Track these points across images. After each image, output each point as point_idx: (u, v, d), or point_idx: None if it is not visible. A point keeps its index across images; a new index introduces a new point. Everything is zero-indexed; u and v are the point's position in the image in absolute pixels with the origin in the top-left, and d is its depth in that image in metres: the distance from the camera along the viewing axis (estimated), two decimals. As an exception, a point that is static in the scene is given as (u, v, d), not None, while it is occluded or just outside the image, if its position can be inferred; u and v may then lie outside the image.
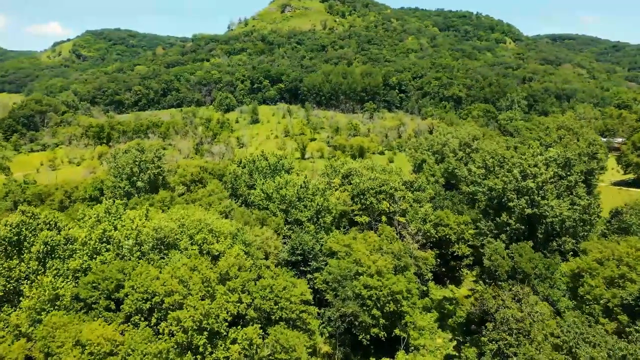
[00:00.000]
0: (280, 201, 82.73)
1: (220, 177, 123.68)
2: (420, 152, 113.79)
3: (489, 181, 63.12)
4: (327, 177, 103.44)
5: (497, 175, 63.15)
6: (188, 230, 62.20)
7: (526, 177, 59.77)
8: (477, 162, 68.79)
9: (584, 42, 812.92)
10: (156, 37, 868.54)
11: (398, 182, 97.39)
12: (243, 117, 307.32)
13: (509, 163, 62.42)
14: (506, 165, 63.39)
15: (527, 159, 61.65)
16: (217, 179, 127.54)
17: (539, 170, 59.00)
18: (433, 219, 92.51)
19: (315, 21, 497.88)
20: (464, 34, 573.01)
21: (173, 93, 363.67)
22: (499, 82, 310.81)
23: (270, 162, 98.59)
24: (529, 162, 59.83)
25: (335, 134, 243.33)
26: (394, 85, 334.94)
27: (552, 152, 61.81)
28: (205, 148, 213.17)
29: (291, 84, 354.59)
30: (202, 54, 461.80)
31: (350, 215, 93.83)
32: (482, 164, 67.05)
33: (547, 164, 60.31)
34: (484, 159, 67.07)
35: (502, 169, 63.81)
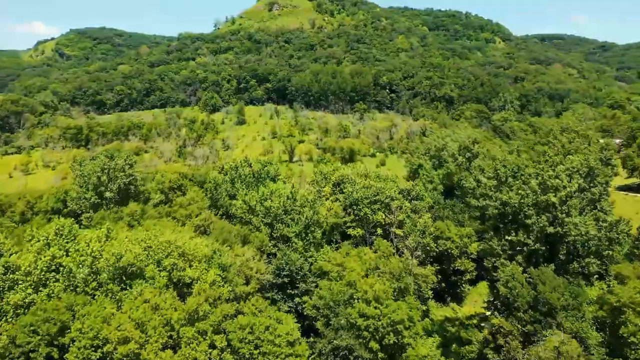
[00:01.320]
0: (264, 214, 73.95)
1: (201, 184, 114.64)
2: (417, 157, 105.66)
3: (502, 194, 55.02)
4: (317, 185, 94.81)
5: (511, 188, 55.10)
6: (155, 254, 53.17)
7: (546, 191, 51.80)
8: (487, 172, 60.68)
9: (573, 42, 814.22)
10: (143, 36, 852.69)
11: (394, 191, 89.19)
12: (229, 118, 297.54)
13: (525, 174, 54.43)
14: (521, 175, 55.46)
15: (546, 168, 53.82)
16: (198, 186, 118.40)
17: (562, 183, 51.04)
18: (433, 231, 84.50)
19: (304, 20, 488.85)
20: (454, 33, 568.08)
21: (157, 93, 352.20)
22: (491, 82, 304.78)
23: (254, 169, 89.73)
24: (549, 173, 51.81)
25: (325, 135, 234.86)
26: (384, 85, 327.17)
27: (575, 161, 53.91)
28: (188, 151, 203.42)
29: (279, 83, 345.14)
30: (187, 53, 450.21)
31: (343, 228, 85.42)
32: (493, 175, 58.92)
33: (570, 174, 52.38)
34: (495, 168, 58.97)
35: (516, 180, 55.83)
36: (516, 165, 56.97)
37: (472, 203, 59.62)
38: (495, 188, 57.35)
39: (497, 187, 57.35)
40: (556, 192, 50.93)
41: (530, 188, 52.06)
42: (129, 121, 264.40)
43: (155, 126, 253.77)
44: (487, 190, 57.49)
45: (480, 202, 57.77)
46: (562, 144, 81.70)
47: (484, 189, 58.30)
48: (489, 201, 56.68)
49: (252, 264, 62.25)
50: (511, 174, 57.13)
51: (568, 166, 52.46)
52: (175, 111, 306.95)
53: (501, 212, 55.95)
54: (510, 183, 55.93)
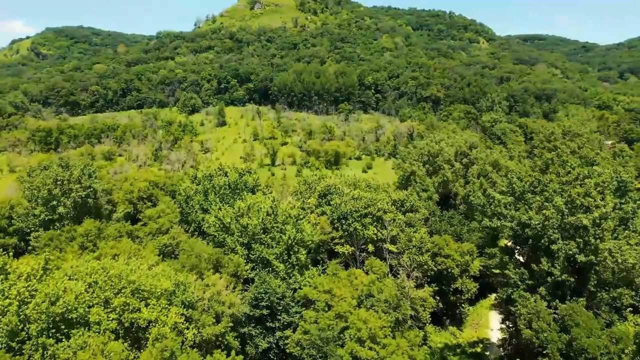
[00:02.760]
0: (240, 233, 64.39)
1: (173, 193, 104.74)
2: (409, 163, 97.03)
3: (520, 214, 46.41)
4: (301, 196, 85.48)
5: (530, 205, 46.59)
6: (103, 292, 43.30)
7: (575, 210, 43.40)
8: (499, 185, 52.08)
9: (554, 43, 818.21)
10: (121, 35, 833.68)
11: (386, 202, 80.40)
12: (209, 120, 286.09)
13: (549, 189, 45.89)
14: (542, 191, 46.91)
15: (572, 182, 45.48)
16: (170, 195, 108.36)
17: (594, 201, 42.66)
18: (430, 247, 75.89)
19: (286, 18, 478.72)
20: (438, 33, 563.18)
21: (133, 93, 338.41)
22: (477, 82, 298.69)
23: (231, 179, 79.94)
24: (578, 190, 43.32)
25: (309, 137, 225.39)
26: (369, 85, 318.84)
27: (605, 174, 45.66)
28: (164, 154, 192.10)
29: (261, 83, 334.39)
30: (166, 52, 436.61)
31: (330, 245, 76.31)
32: (508, 189, 50.34)
33: (601, 191, 44.02)
34: (510, 182, 50.39)
35: (536, 196, 47.37)
36: (535, 179, 48.49)
37: (485, 223, 50.78)
38: (510, 205, 48.78)
39: (514, 205, 48.80)
40: (587, 212, 42.58)
41: (555, 207, 43.55)
42: (102, 123, 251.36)
43: (130, 128, 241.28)
44: (501, 207, 48.87)
45: (494, 223, 49.05)
46: (571, 150, 73.61)
47: (497, 207, 49.65)
48: (503, 221, 48.04)
49: (225, 296, 52.68)
50: (529, 189, 48.65)
51: (597, 180, 44.14)
52: (153, 112, 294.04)
53: (518, 234, 47.31)
54: (528, 199, 47.39)
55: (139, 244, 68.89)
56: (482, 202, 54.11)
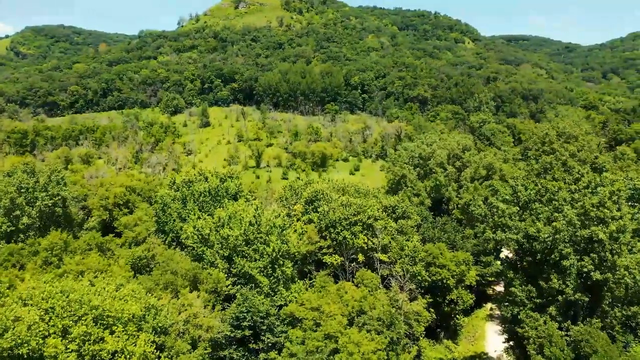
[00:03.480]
0: (221, 245, 59.37)
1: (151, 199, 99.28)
2: (400, 166, 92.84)
3: (527, 225, 42.26)
4: (286, 203, 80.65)
5: (538, 216, 42.48)
6: (61, 319, 38.04)
7: (589, 223, 39.38)
8: (502, 193, 47.91)
9: (537, 43, 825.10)
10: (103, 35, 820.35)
11: (377, 208, 75.95)
12: (192, 120, 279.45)
13: (558, 198, 41.84)
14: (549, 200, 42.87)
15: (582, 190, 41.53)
16: (147, 201, 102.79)
17: (609, 212, 38.68)
18: (423, 256, 71.65)
19: (271, 17, 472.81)
20: (423, 33, 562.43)
21: (114, 93, 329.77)
22: (464, 82, 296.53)
23: (211, 185, 74.76)
24: (592, 200, 39.31)
25: (295, 138, 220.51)
26: (355, 85, 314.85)
27: (619, 182, 41.78)
28: (144, 157, 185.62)
29: (245, 83, 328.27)
30: (148, 51, 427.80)
31: (318, 255, 71.61)
32: (512, 198, 46.17)
33: (616, 200, 40.06)
34: (514, 190, 46.24)
35: (543, 205, 43.31)
36: (542, 187, 44.42)
37: (488, 235, 46.56)
38: (515, 216, 44.63)
39: (519, 215, 44.68)
40: (602, 224, 38.59)
41: (565, 218, 39.50)
42: (81, 124, 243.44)
43: (110, 129, 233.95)
44: (505, 218, 44.69)
45: (498, 235, 44.83)
46: (570, 153, 69.93)
47: (500, 217, 45.46)
48: (508, 233, 43.85)
49: (202, 317, 47.68)
50: (535, 198, 44.57)
51: (612, 189, 40.16)
52: (134, 113, 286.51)
53: (524, 247, 43.16)
54: (536, 209, 43.28)
55: (110, 257, 63.43)
56: (483, 212, 49.98)
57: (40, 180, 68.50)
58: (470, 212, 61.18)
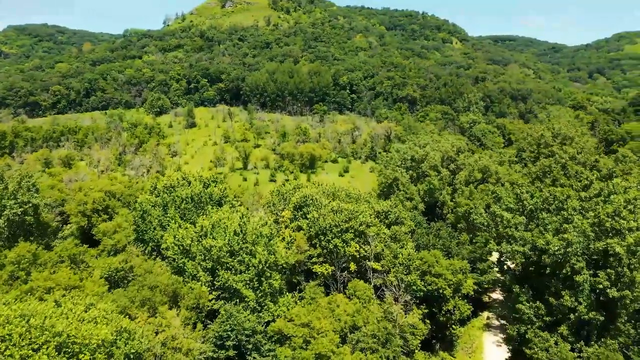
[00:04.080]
0: (203, 256, 55.33)
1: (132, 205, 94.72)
2: (392, 169, 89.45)
3: (535, 237, 38.92)
4: (274, 209, 76.74)
5: (546, 227, 39.19)
6: (19, 348, 33.77)
7: (604, 234, 36.17)
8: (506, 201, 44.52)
9: (524, 43, 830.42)
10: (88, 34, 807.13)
11: (369, 214, 72.46)
12: (177, 121, 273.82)
13: (568, 207, 38.62)
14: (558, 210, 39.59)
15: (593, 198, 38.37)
16: (128, 207, 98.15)
17: (626, 223, 35.50)
18: (419, 264, 68.29)
19: (258, 17, 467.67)
20: (411, 33, 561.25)
21: (98, 94, 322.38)
22: (453, 82, 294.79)
23: (194, 190, 70.53)
24: (607, 210, 36.11)
25: (282, 139, 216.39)
26: (344, 85, 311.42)
27: (633, 190, 38.65)
28: (127, 159, 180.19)
29: (232, 83, 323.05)
30: (133, 51, 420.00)
31: (307, 264, 67.87)
32: (518, 207, 42.80)
33: (632, 210, 36.88)
34: (519, 197, 42.90)
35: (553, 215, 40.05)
36: (550, 194, 41.16)
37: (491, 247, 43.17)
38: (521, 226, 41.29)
39: (525, 225, 41.36)
40: (618, 236, 35.43)
41: (577, 229, 36.25)
42: (63, 125, 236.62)
43: (93, 130, 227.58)
44: (511, 229, 41.32)
45: (503, 248, 41.44)
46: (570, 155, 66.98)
47: (505, 227, 42.09)
48: (515, 245, 40.48)
49: (182, 338, 43.66)
50: (542, 206, 41.28)
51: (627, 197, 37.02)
52: (118, 113, 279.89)
53: (532, 260, 39.84)
54: (544, 219, 39.98)
55: (84, 269, 58.98)
56: (485, 220, 46.59)
57: (9, 187, 63.75)
58: (471, 220, 57.64)
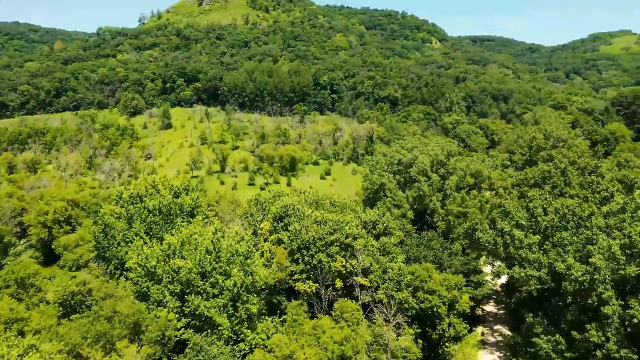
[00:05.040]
0: (171, 278, 48.77)
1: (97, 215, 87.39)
2: (378, 174, 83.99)
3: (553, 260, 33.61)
4: (252, 219, 70.36)
5: (565, 248, 33.97)
6: None
7: (636, 258, 31.10)
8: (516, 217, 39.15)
9: (502, 44, 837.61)
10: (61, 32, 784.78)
11: (356, 224, 66.75)
12: (152, 122, 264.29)
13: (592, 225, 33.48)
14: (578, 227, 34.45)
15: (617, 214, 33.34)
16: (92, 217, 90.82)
17: (661, 246, 30.50)
18: (410, 280, 62.88)
19: (237, 15, 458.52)
20: (391, 33, 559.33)
21: (69, 93, 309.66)
22: (435, 82, 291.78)
23: (163, 201, 63.70)
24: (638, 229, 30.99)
25: (262, 141, 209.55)
26: (325, 85, 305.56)
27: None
28: (98, 162, 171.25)
29: (210, 83, 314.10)
30: (107, 50, 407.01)
31: (289, 281, 61.75)
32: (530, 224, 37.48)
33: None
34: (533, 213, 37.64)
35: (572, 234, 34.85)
36: (568, 210, 36.00)
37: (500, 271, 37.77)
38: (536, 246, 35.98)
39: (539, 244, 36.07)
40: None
41: (604, 252, 31.09)
42: (30, 127, 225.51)
43: (62, 132, 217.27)
44: (525, 250, 35.98)
45: (516, 272, 36.09)
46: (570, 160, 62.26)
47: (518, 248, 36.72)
48: (529, 269, 35.17)
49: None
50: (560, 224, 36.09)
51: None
52: (90, 114, 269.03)
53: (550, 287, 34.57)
54: (563, 239, 34.76)
55: (35, 294, 51.91)
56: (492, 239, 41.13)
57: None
58: (475, 238, 52.16)
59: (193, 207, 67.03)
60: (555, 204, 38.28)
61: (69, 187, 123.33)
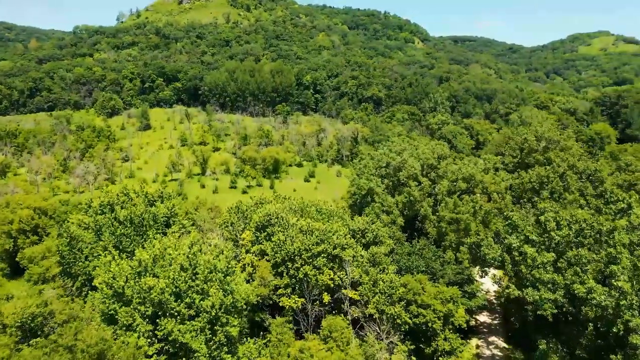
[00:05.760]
0: (142, 299, 43.90)
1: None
2: (366, 178, 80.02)
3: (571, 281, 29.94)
4: (232, 229, 65.63)
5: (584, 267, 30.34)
6: None
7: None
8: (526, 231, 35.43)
9: (483, 44, 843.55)
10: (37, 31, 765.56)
11: (344, 233, 62.52)
12: (131, 123, 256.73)
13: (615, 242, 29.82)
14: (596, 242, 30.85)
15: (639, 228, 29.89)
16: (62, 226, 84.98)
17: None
18: (402, 292, 59.00)
19: (217, 14, 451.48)
20: (374, 32, 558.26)
21: (44, 93, 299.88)
22: (419, 82, 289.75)
23: (135, 211, 58.63)
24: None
25: (244, 142, 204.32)
26: (308, 85, 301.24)
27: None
28: (72, 165, 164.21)
29: (190, 82, 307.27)
30: (84, 48, 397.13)
31: (273, 297, 57.29)
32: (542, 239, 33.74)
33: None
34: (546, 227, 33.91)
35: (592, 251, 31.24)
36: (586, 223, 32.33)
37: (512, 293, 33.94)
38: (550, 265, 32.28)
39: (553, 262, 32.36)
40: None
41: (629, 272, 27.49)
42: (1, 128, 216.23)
43: (35, 134, 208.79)
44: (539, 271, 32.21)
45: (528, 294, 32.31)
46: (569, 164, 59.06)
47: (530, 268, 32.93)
48: (544, 291, 31.43)
49: None
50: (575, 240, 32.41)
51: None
52: (65, 115, 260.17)
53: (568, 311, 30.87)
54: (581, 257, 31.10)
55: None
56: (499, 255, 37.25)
57: None
58: (481, 255, 48.24)
59: (168, 217, 62.10)
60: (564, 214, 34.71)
61: (40, 192, 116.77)
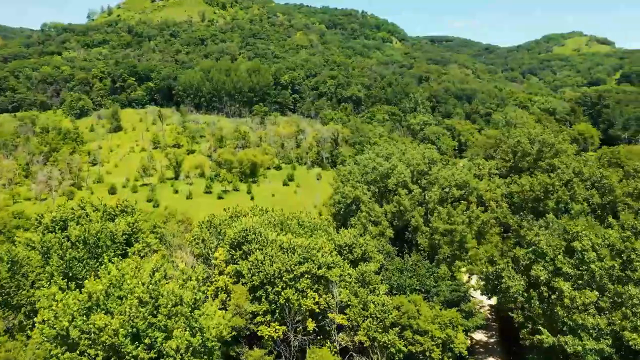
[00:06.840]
0: (91, 342, 36.49)
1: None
2: (352, 185, 73.72)
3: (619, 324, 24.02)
4: (204, 246, 58.37)
5: (634, 309, 24.54)
6: None
7: None
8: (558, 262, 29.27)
9: (460, 44, 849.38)
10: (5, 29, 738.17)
11: (329, 250, 55.95)
12: (101, 124, 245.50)
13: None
14: None
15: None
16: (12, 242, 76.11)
17: None
18: (395, 316, 52.83)
19: (192, 12, 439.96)
20: (351, 32, 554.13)
21: (8, 93, 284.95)
22: (398, 82, 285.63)
23: (90, 229, 50.91)
24: None
25: (220, 144, 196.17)
26: (285, 85, 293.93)
27: None
28: (35, 170, 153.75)
29: (163, 82, 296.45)
30: (52, 46, 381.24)
31: (250, 325, 50.36)
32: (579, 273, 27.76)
33: None
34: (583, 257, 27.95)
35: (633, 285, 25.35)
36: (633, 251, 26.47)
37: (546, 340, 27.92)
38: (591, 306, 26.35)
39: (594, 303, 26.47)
40: None
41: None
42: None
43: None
44: (582, 316, 26.07)
45: (569, 344, 26.25)
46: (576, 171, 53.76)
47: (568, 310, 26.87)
48: (586, 339, 25.42)
49: None
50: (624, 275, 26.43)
51: None
52: (30, 116, 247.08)
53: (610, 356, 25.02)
54: (633, 299, 25.22)
55: None
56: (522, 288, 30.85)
57: None
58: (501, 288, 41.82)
59: (131, 234, 54.51)
60: (595, 239, 28.99)
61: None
